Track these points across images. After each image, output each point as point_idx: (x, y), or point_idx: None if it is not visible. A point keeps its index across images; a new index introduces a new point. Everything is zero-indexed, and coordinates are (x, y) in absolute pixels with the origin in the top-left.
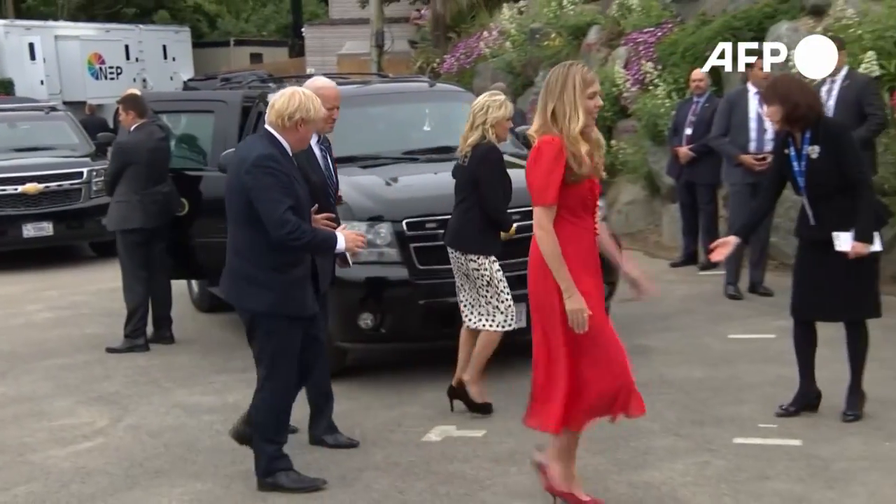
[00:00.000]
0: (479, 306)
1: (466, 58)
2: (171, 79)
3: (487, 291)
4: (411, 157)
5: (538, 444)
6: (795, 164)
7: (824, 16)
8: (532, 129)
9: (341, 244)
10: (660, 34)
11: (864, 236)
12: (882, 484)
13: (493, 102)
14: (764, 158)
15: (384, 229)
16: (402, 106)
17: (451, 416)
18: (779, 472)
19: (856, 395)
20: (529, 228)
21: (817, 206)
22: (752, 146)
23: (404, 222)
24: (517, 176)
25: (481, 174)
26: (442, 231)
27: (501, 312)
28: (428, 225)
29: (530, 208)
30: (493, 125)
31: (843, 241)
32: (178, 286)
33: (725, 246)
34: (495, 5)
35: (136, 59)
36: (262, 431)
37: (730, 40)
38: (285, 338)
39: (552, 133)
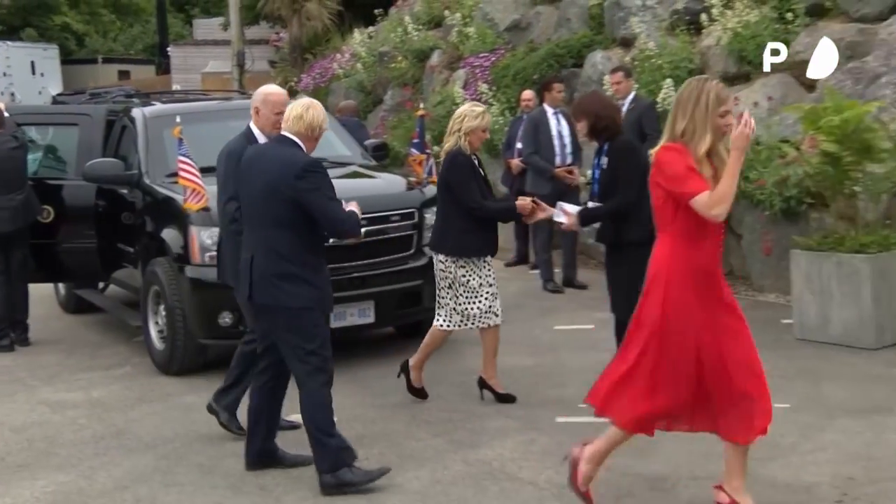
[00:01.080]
0: (444, 306)
1: (322, 77)
2: (40, 93)
3: (464, 293)
4: None
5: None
6: (595, 171)
7: (632, 47)
8: (660, 145)
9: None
10: (494, 59)
11: (585, 220)
12: (678, 451)
13: (471, 112)
14: (571, 171)
15: None
16: None
17: None
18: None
19: None
20: (374, 233)
21: None
22: (558, 160)
23: None
24: (357, 185)
25: (450, 177)
26: None
27: (459, 314)
28: None
29: (377, 214)
30: (467, 133)
31: (562, 215)
32: (45, 289)
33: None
34: (347, 30)
35: (4, 74)
36: (318, 426)
37: (553, 66)
38: (325, 331)
39: None
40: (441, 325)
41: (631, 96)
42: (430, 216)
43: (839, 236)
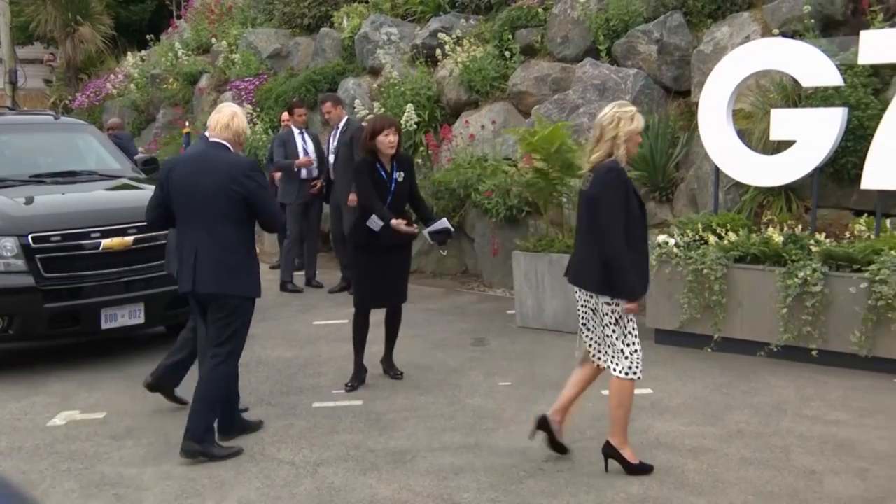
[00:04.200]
0: (605, 346)
1: (96, 96)
2: None
3: (613, 332)
4: (38, 179)
5: None
6: (390, 184)
7: (379, 75)
8: None
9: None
10: (258, 83)
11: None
12: (417, 427)
13: (625, 114)
14: (316, 183)
15: (10, 243)
16: (29, 135)
17: (76, 401)
18: (345, 426)
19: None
20: (144, 240)
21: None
22: (304, 174)
23: (29, 236)
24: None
25: (605, 195)
26: (69, 244)
27: (626, 357)
28: (53, 238)
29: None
30: (626, 139)
31: (376, 223)
32: None
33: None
34: (121, 53)
35: None
36: (213, 401)
37: (311, 90)
38: (250, 316)
39: None
40: (616, 371)
41: (344, 120)
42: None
43: (551, 239)
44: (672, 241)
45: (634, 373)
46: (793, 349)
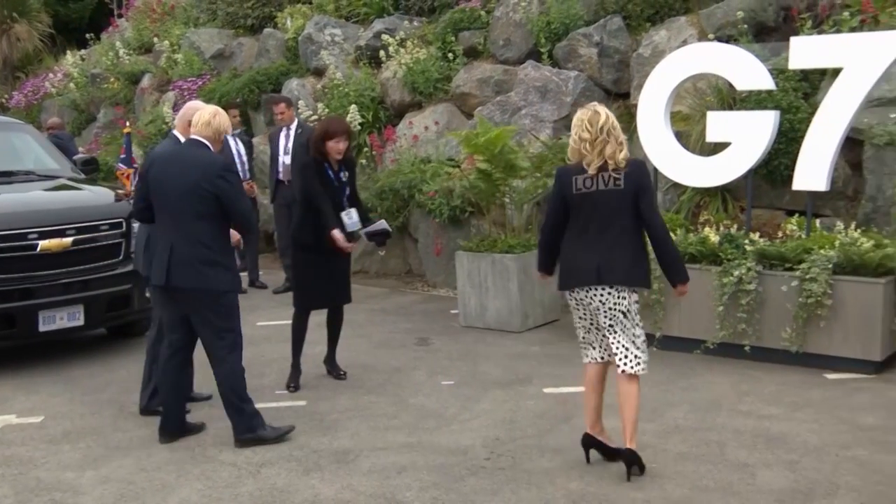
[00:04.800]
0: (621, 343)
1: (34, 95)
2: None
3: (623, 324)
4: None
5: None
6: (338, 184)
7: (323, 76)
8: None
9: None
10: (201, 83)
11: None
12: (360, 427)
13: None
14: (250, 185)
15: None
16: None
17: (12, 406)
18: (288, 426)
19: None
20: (83, 242)
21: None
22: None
23: None
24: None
25: (646, 185)
26: (5, 245)
27: (638, 347)
28: None
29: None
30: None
31: (353, 224)
32: None
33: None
34: (60, 51)
35: None
36: (239, 395)
37: (254, 91)
38: (238, 311)
39: None
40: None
41: (295, 122)
42: (137, 225)
43: (493, 239)
44: None
45: (645, 364)
46: (729, 346)
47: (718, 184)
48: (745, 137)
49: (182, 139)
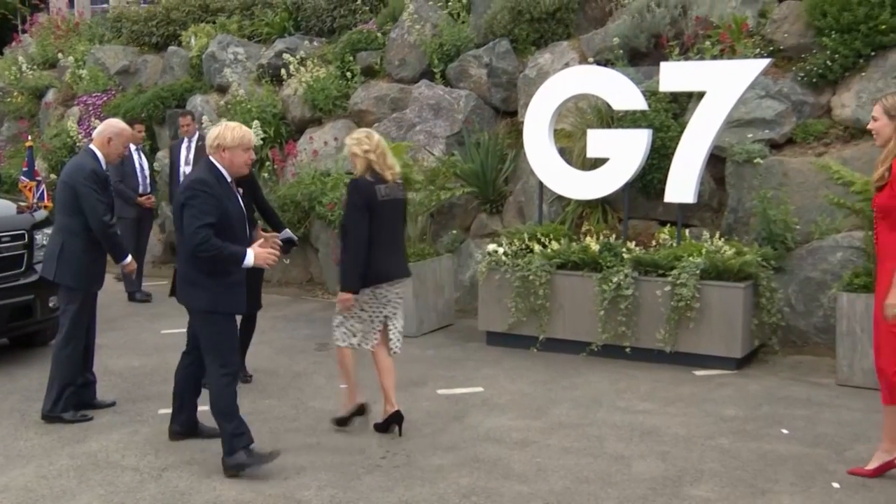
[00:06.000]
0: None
1: None
2: None
3: (396, 313)
4: None
5: None
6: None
7: (226, 93)
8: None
9: (249, 260)
10: (106, 98)
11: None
12: (262, 430)
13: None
14: (150, 198)
15: None
16: None
17: None
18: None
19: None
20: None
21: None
22: (140, 188)
23: None
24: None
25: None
26: None
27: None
28: None
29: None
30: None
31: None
32: None
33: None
34: None
35: None
36: (229, 413)
37: (159, 106)
38: (224, 329)
39: None
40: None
41: (196, 135)
42: (40, 237)
43: None
44: (501, 250)
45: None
46: (610, 347)
47: (598, 196)
48: (622, 154)
49: (100, 154)
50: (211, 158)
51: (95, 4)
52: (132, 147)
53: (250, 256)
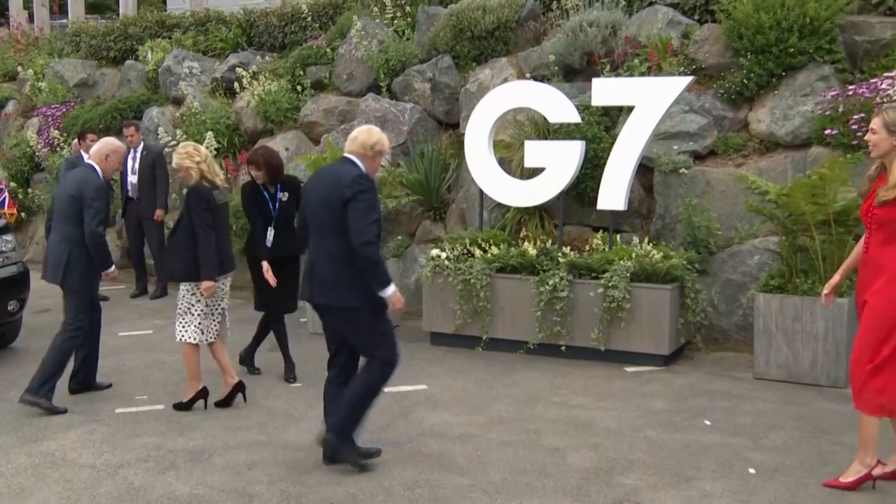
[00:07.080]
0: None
1: None
2: None
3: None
4: None
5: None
6: (271, 205)
7: (182, 105)
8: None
9: (390, 291)
10: (65, 109)
11: None
12: (215, 427)
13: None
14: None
15: None
16: None
17: None
18: (147, 429)
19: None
20: None
21: (278, 234)
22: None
23: None
24: None
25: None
26: None
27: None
28: None
29: None
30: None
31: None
32: None
33: None
34: None
35: None
36: (370, 400)
37: (117, 118)
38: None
39: None
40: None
41: (141, 145)
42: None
43: None
44: (444, 255)
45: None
46: (546, 346)
47: (536, 204)
48: (558, 164)
49: (99, 169)
50: (354, 158)
51: (55, 19)
52: (85, 156)
53: (393, 289)
